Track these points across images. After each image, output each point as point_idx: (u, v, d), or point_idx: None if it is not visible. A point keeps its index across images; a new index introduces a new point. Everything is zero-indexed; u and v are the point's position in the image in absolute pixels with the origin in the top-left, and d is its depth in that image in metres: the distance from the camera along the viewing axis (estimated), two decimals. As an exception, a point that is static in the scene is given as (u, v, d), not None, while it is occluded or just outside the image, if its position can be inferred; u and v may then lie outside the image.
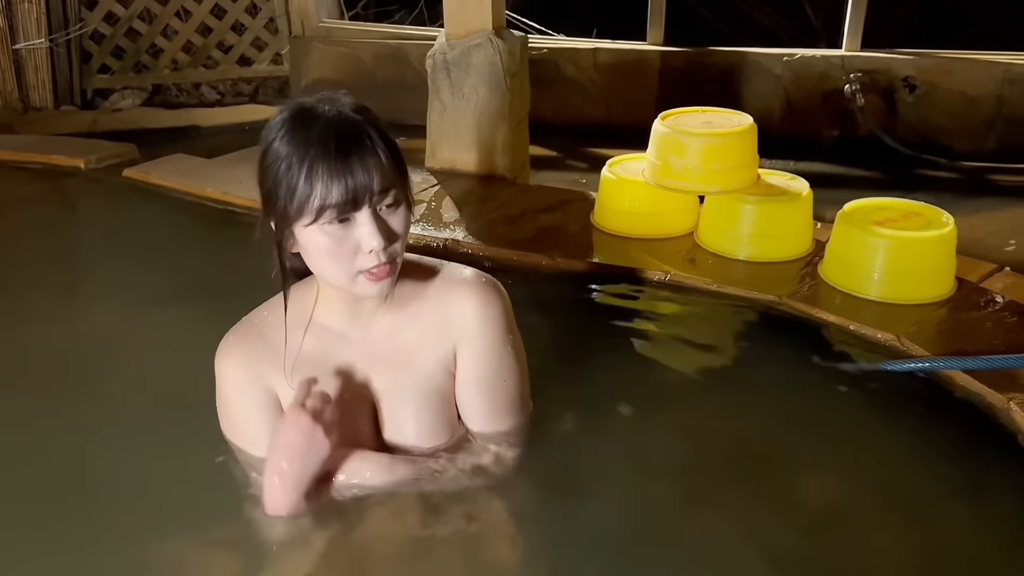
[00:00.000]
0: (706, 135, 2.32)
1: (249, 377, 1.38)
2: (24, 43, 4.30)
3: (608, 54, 4.15)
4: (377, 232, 1.22)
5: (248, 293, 1.46)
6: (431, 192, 2.91)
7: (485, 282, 1.41)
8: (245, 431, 1.42)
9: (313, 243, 1.24)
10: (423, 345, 1.39)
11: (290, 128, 1.22)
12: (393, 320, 1.39)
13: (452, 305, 1.38)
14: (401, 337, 1.39)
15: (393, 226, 1.25)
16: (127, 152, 3.36)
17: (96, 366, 1.94)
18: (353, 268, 1.25)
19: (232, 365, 1.39)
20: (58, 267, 2.46)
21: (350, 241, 1.23)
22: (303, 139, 1.20)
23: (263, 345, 1.38)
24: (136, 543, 1.40)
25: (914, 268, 2.09)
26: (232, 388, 1.40)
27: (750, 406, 1.79)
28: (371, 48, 4.42)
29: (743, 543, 1.40)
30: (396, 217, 1.25)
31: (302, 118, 1.22)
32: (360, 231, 1.22)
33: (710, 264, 2.32)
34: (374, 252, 1.23)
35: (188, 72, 4.68)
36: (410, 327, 1.39)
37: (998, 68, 3.68)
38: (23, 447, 1.66)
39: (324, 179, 1.18)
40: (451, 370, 1.41)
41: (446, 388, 1.41)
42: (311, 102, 1.24)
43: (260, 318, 1.41)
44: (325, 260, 1.25)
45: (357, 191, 1.19)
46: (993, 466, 1.60)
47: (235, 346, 1.40)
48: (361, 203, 1.21)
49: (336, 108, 1.23)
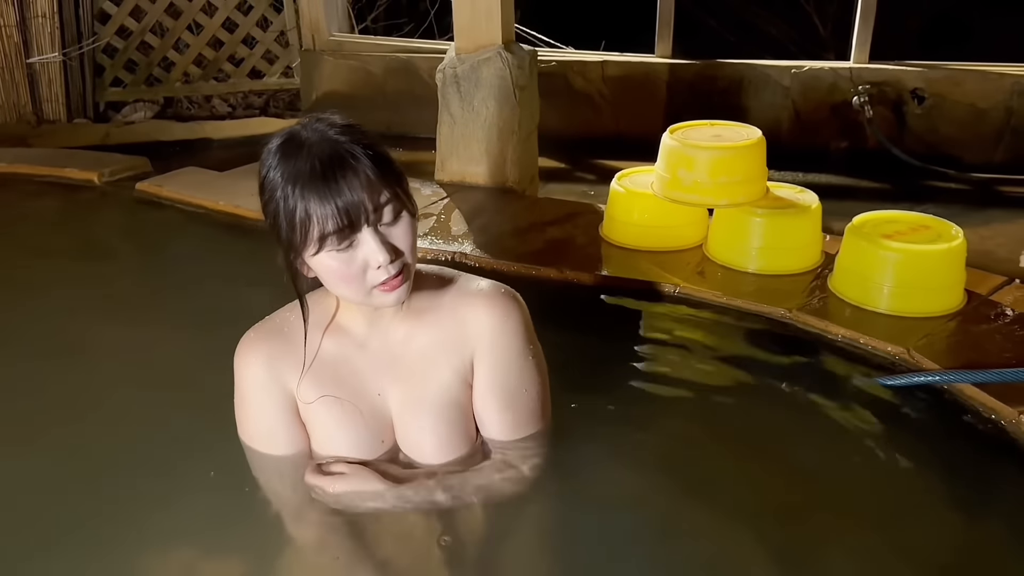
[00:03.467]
0: (715, 148, 2.33)
1: (268, 375, 1.40)
2: (38, 57, 4.35)
3: (616, 67, 4.17)
4: (381, 248, 1.23)
5: (259, 304, 1.48)
6: (440, 205, 2.92)
7: (504, 293, 1.42)
8: (260, 428, 1.44)
9: (323, 268, 1.26)
10: (440, 355, 1.40)
11: (279, 159, 1.23)
12: (410, 329, 1.40)
13: (469, 316, 1.39)
14: (418, 346, 1.40)
15: (397, 238, 1.26)
16: (140, 165, 3.39)
17: (105, 375, 1.95)
18: (366, 285, 1.26)
19: (252, 362, 1.41)
20: (71, 280, 2.48)
21: (357, 261, 1.24)
22: (292, 171, 1.21)
23: (283, 344, 1.40)
24: (143, 546, 1.42)
25: (924, 281, 2.09)
26: (250, 385, 1.42)
27: (759, 419, 1.79)
28: (381, 61, 4.45)
29: (751, 551, 1.40)
30: (399, 228, 1.26)
31: (288, 147, 1.23)
32: (365, 250, 1.23)
33: (719, 277, 2.33)
34: (382, 267, 1.24)
35: (200, 85, 4.72)
36: (427, 337, 1.40)
37: (1007, 80, 3.68)
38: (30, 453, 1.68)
39: (317, 211, 1.19)
40: (468, 381, 1.42)
41: (463, 399, 1.42)
42: (297, 128, 1.25)
43: (282, 318, 1.43)
44: (338, 282, 1.27)
45: (351, 215, 1.20)
46: (1002, 480, 1.60)
47: (256, 343, 1.42)
48: (359, 225, 1.21)
49: (319, 133, 1.23)
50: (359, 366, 1.40)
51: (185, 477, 1.55)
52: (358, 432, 1.41)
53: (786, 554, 1.42)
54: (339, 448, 1.42)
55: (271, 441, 1.43)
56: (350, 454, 1.41)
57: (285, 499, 1.46)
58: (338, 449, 1.42)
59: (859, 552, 1.43)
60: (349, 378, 1.40)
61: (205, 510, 1.47)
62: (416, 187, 3.06)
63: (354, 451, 1.41)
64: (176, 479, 1.56)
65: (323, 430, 1.42)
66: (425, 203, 2.92)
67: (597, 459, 1.58)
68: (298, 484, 1.42)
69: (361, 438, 1.41)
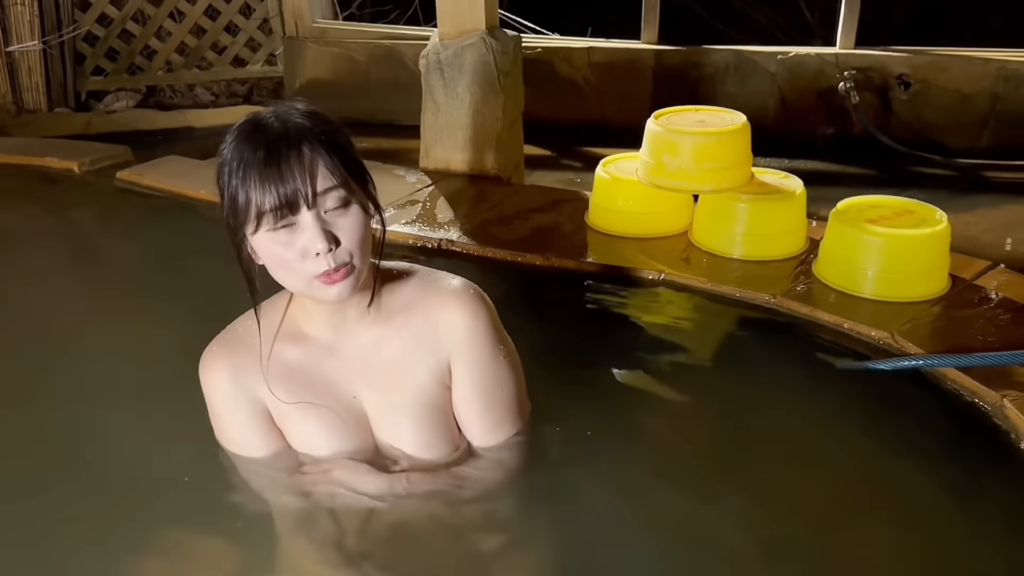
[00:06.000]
0: (699, 134, 2.32)
1: (235, 387, 1.38)
2: (17, 45, 4.29)
3: (602, 53, 4.15)
4: (320, 235, 1.19)
5: (240, 294, 1.45)
6: (425, 192, 2.90)
7: (473, 293, 1.39)
8: (235, 438, 1.42)
9: (264, 252, 1.24)
10: (415, 359, 1.37)
11: (236, 140, 1.22)
12: (380, 332, 1.37)
13: (442, 318, 1.36)
14: (391, 350, 1.37)
15: (342, 229, 1.21)
16: (121, 154, 3.35)
17: (85, 367, 1.93)
18: (305, 273, 1.22)
19: (217, 377, 1.38)
20: (50, 269, 2.45)
21: (295, 246, 1.21)
22: (242, 151, 1.20)
23: (246, 353, 1.37)
24: (136, 538, 1.42)
25: (908, 266, 2.09)
26: (219, 398, 1.40)
27: (743, 405, 1.79)
28: (365, 48, 4.41)
29: (734, 539, 1.40)
30: (346, 219, 1.22)
31: (246, 128, 1.22)
32: (303, 235, 1.20)
33: (704, 263, 2.32)
34: (320, 255, 1.20)
35: (182, 73, 4.67)
36: (399, 340, 1.37)
37: (992, 65, 3.68)
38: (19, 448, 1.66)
39: (256, 185, 1.18)
40: (446, 383, 1.40)
41: (442, 400, 1.40)
42: (262, 114, 1.24)
43: (244, 327, 1.40)
44: (277, 267, 1.25)
45: (289, 195, 1.17)
46: (986, 464, 1.61)
47: (219, 356, 1.39)
48: (297, 207, 1.18)
49: (281, 118, 1.21)
50: (331, 372, 1.38)
51: (164, 474, 1.53)
52: (340, 435, 1.39)
53: (768, 537, 1.42)
54: (319, 452, 1.40)
55: (248, 447, 1.42)
56: (332, 456, 1.40)
57: (266, 498, 1.44)
58: (319, 453, 1.40)
59: (842, 535, 1.43)
60: (322, 384, 1.37)
61: (185, 510, 1.46)
62: (401, 175, 3.04)
63: (336, 453, 1.40)
64: (154, 478, 1.53)
65: (301, 436, 1.41)
66: (410, 191, 2.90)
67: (581, 447, 1.57)
68: (279, 483, 1.41)
69: (343, 441, 1.39)
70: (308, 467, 1.41)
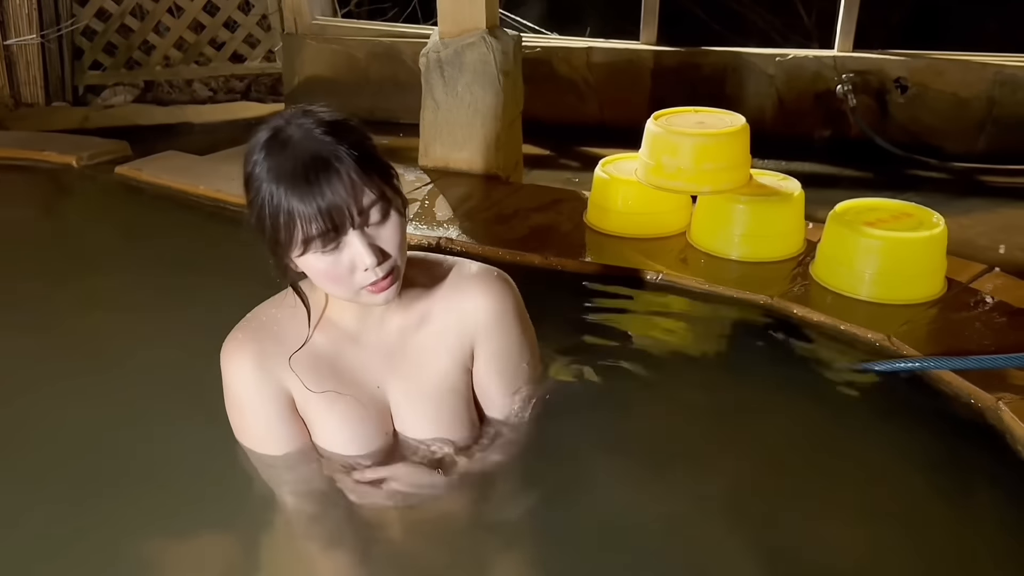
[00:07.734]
0: (698, 135, 2.32)
1: (260, 375, 1.36)
2: (15, 39, 4.29)
3: (601, 53, 4.16)
4: (367, 251, 1.20)
5: (239, 289, 1.46)
6: (424, 191, 2.91)
7: (496, 276, 1.43)
8: (258, 429, 1.40)
9: (310, 268, 1.24)
10: (439, 345, 1.39)
11: (264, 155, 1.20)
12: (404, 320, 1.39)
13: (467, 304, 1.39)
14: (415, 338, 1.39)
15: (385, 240, 1.23)
16: (119, 149, 3.34)
17: (86, 362, 1.93)
18: (354, 285, 1.24)
19: (243, 364, 1.36)
20: (49, 264, 2.45)
21: (344, 262, 1.22)
22: (276, 169, 1.18)
23: (273, 341, 1.37)
24: (149, 537, 1.41)
25: (905, 268, 2.10)
26: (242, 387, 1.38)
27: (739, 405, 1.80)
28: (364, 46, 4.41)
29: (731, 539, 1.41)
30: (387, 229, 1.23)
31: (273, 143, 1.20)
32: (351, 252, 1.21)
33: (702, 264, 2.33)
34: (370, 270, 1.22)
35: (180, 69, 4.67)
36: (424, 327, 1.39)
37: (989, 69, 3.70)
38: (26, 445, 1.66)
39: (301, 214, 1.17)
40: (468, 367, 1.43)
41: (462, 385, 1.43)
42: (283, 123, 1.22)
43: (268, 315, 1.40)
44: (325, 282, 1.26)
45: (335, 220, 1.17)
46: (981, 466, 1.61)
47: (244, 343, 1.37)
48: (343, 228, 1.19)
49: (304, 130, 1.19)
50: (355, 361, 1.39)
51: (182, 479, 1.52)
52: (364, 426, 1.40)
53: (765, 537, 1.42)
54: (344, 442, 1.40)
55: (272, 440, 1.39)
56: (355, 448, 1.40)
57: (296, 496, 1.43)
58: (343, 443, 1.40)
59: (837, 536, 1.44)
60: (347, 373, 1.38)
61: (211, 512, 1.46)
62: (400, 173, 3.02)
63: (359, 445, 1.40)
64: (173, 482, 1.53)
65: (326, 426, 1.40)
66: (409, 189, 2.91)
67: (579, 446, 1.57)
68: (307, 480, 1.40)
69: (367, 431, 1.40)
70: (333, 465, 1.40)
